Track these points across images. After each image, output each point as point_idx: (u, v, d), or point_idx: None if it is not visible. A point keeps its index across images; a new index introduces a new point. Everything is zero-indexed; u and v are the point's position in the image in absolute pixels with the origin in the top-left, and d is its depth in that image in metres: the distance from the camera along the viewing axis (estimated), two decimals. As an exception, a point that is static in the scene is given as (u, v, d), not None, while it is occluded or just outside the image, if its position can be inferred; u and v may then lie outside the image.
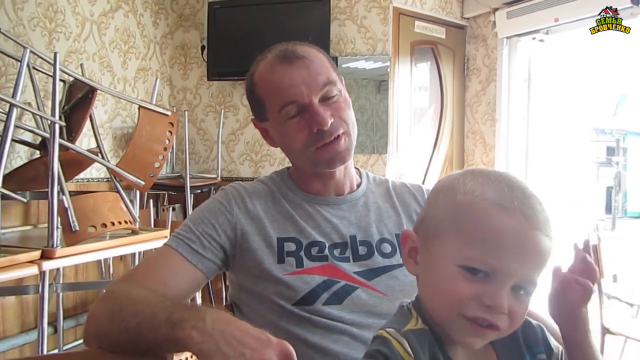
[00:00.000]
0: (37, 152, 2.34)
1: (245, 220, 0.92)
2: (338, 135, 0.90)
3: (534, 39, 3.18)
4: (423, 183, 3.29)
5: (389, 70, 3.05)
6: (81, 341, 2.66)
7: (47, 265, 1.66)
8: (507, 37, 3.18)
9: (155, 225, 2.76)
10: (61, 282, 2.37)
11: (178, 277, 0.86)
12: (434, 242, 0.55)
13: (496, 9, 3.14)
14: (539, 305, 0.65)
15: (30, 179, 2.13)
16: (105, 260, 2.67)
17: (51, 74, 1.90)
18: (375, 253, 0.93)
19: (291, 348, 0.61)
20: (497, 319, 0.52)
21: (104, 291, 0.81)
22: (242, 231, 0.91)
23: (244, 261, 0.91)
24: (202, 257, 0.88)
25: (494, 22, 3.17)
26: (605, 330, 2.33)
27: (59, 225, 1.78)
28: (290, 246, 0.90)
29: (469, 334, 0.54)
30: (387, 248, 0.94)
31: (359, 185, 1.02)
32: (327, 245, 0.92)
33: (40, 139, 2.27)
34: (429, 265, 0.56)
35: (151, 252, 0.95)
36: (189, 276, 0.87)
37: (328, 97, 0.91)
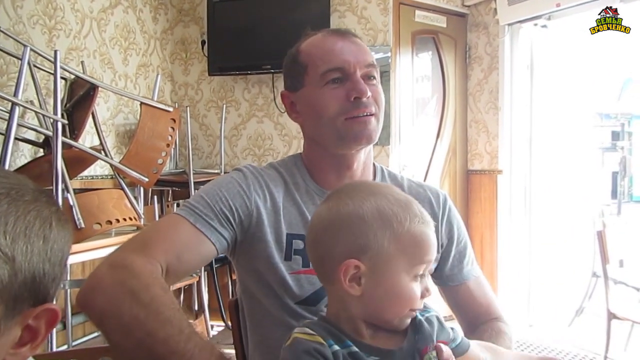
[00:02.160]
0: (41, 150, 2.35)
1: (262, 209, 0.90)
2: (371, 113, 0.91)
3: (535, 25, 3.15)
4: (427, 173, 3.30)
5: (390, 61, 3.03)
6: (90, 337, 2.69)
7: (54, 262, 1.67)
8: (509, 24, 3.15)
9: (160, 221, 2.77)
10: (68, 279, 2.38)
11: (193, 252, 0.84)
12: (385, 266, 0.65)
13: (497, -4, 3.12)
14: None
15: (34, 177, 2.11)
16: (112, 256, 2.69)
17: (52, 71, 1.90)
18: None
19: None
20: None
21: (117, 259, 0.78)
22: (257, 219, 0.89)
23: (253, 249, 0.90)
24: (220, 235, 0.86)
25: (495, 9, 3.14)
26: (612, 316, 2.33)
27: (65, 223, 1.79)
28: (299, 244, 0.89)
29: (408, 319, 0.67)
30: None
31: None
32: None
33: (43, 137, 2.28)
34: (379, 284, 0.65)
35: (162, 219, 0.92)
36: (204, 252, 0.85)
37: (369, 77, 0.93)
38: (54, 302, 0.51)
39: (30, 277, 0.48)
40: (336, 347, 0.62)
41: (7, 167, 1.75)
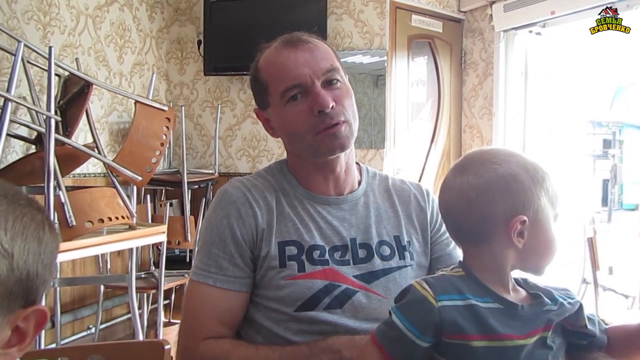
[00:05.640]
0: (33, 146, 2.33)
1: (259, 229, 0.91)
2: (339, 122, 0.89)
3: (530, 32, 3.17)
4: (421, 177, 3.31)
5: (386, 64, 3.04)
6: (78, 335, 2.67)
7: (44, 260, 1.65)
8: (504, 31, 3.17)
9: (152, 221, 2.76)
10: (58, 277, 2.36)
11: (232, 309, 0.89)
12: (544, 217, 0.72)
13: (493, 2, 3.14)
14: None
15: (26, 174, 2.12)
16: (103, 255, 2.67)
17: (46, 68, 1.89)
18: (375, 256, 0.92)
19: None
20: None
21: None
22: (258, 240, 0.91)
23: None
24: (242, 279, 0.89)
25: (491, 15, 3.16)
26: (601, 323, 2.34)
27: (56, 221, 1.78)
28: (292, 250, 0.89)
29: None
30: (385, 250, 0.93)
31: (359, 183, 1.00)
32: (327, 249, 0.90)
33: (36, 133, 2.26)
34: (539, 234, 0.72)
35: (189, 296, 0.92)
36: (240, 301, 0.90)
37: (330, 82, 0.90)
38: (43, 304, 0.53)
39: (25, 276, 0.50)
40: (446, 302, 0.67)
41: (-2, 163, 1.73)
